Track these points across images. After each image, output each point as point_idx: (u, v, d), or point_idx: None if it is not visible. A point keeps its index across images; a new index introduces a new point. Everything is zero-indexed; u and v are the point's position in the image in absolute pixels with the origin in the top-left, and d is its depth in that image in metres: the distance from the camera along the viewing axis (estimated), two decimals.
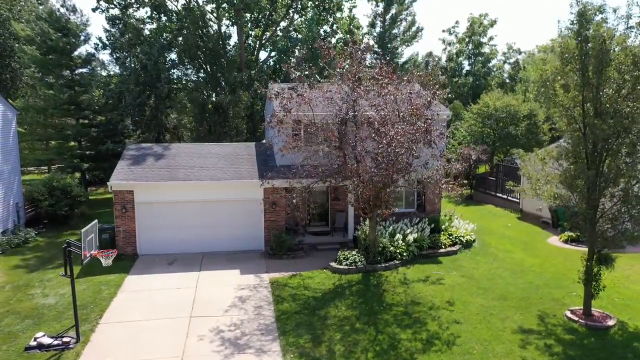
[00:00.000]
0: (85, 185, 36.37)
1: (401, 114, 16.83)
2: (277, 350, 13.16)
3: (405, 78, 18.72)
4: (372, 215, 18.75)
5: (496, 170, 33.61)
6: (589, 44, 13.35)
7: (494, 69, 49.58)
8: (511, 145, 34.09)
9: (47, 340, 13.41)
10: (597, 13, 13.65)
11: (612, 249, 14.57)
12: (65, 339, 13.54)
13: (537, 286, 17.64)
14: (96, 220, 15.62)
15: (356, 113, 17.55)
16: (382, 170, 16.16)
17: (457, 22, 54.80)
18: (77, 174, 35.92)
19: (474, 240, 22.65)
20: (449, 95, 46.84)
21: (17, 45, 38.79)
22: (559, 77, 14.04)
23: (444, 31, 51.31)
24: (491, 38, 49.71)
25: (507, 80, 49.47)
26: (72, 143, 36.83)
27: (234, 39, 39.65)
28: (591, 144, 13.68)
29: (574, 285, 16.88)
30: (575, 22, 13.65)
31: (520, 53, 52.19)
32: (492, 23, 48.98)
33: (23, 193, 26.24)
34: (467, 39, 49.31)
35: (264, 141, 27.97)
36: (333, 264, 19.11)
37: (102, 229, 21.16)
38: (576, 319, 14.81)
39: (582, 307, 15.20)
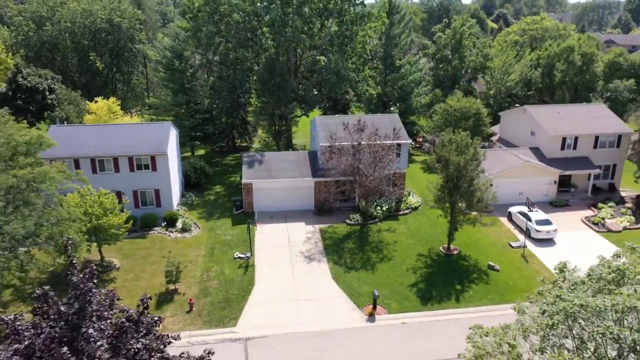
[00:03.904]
0: (192, 151, 58.61)
1: (377, 167, 38.15)
2: (325, 261, 35.96)
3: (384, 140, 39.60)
4: (366, 199, 40.82)
5: None
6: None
7: (468, 63, 67.66)
8: None
9: (241, 255, 36.42)
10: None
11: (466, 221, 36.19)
12: (247, 254, 36.49)
13: (437, 233, 39.81)
14: (255, 216, 38.20)
15: (360, 165, 38.84)
16: (368, 191, 38.11)
17: (446, 22, 71.88)
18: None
19: (419, 206, 44.60)
20: (432, 83, 66.26)
21: (152, 65, 59.29)
22: (436, 162, 35.32)
23: (435, 28, 69.40)
24: (470, 34, 67.40)
25: (479, 67, 67.91)
26: (186, 122, 58.24)
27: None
28: (448, 188, 35.08)
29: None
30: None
31: (491, 47, 70.02)
32: (470, 26, 66.51)
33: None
34: (450, 37, 67.18)
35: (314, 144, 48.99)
36: (347, 221, 41.51)
37: (236, 199, 43.91)
38: (442, 250, 37.19)
39: (447, 245, 37.45)
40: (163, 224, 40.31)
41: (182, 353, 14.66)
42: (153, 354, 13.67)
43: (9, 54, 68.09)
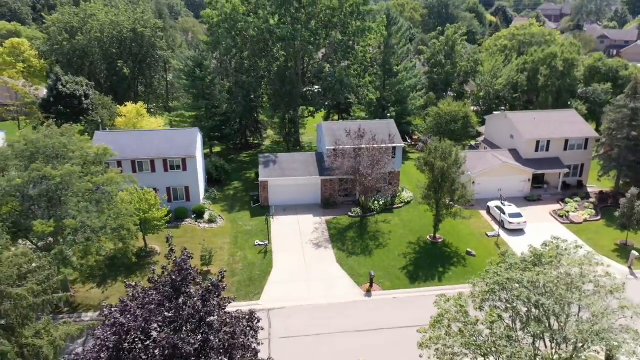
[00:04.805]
0: (211, 150, 65.57)
1: (375, 168, 45.09)
2: (331, 247, 43.13)
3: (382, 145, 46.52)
4: (365, 195, 47.87)
5: None
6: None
7: (460, 68, 74.39)
8: (450, 136, 61.39)
9: (260, 242, 43.58)
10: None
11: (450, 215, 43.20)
12: (265, 242, 43.65)
13: (426, 225, 46.82)
14: (272, 209, 45.31)
15: (360, 166, 45.79)
16: (367, 189, 45.15)
17: (440, 30, 78.62)
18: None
19: (412, 200, 51.62)
20: (427, 86, 72.99)
21: (175, 73, 66.11)
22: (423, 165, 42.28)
23: (429, 36, 75.93)
24: (462, 40, 74.05)
25: (470, 71, 74.70)
26: (205, 124, 65.12)
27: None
28: (433, 187, 42.04)
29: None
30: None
31: (481, 52, 76.50)
32: (462, 34, 73.35)
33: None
34: (444, 44, 73.84)
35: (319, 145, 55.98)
36: (349, 213, 48.60)
37: (253, 194, 51.04)
38: (429, 238, 44.30)
39: (433, 234, 44.51)
40: (193, 216, 47.45)
41: (237, 310, 21.80)
42: (219, 309, 20.77)
43: (40, 59, 74.92)
